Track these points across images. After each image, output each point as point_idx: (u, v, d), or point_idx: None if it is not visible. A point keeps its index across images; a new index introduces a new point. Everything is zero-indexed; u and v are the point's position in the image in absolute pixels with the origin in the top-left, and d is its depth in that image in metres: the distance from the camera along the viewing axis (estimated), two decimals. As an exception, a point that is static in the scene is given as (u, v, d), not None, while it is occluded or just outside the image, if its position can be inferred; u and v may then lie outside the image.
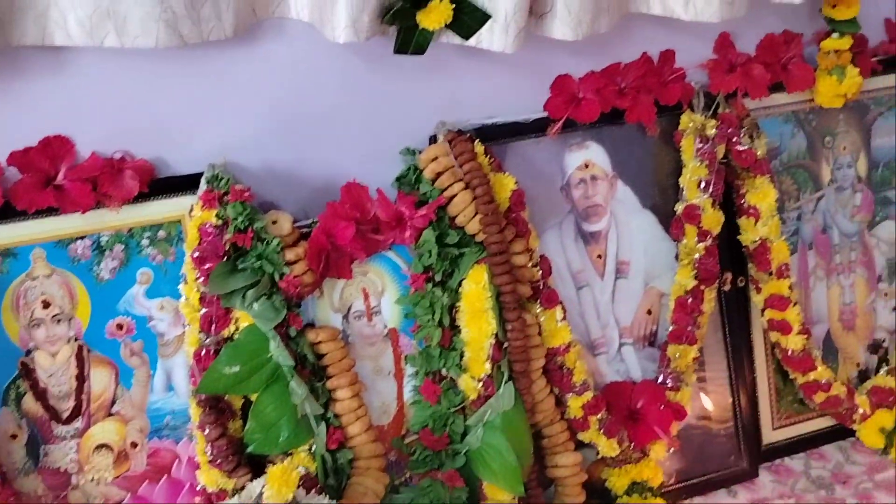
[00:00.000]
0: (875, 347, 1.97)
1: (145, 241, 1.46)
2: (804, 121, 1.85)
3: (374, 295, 1.55)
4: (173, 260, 1.47)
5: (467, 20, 1.47)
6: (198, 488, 1.47)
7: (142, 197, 1.44)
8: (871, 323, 1.96)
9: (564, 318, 1.63)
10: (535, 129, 1.65)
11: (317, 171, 1.55)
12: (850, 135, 1.89)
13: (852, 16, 1.77)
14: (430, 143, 1.58)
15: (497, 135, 1.63)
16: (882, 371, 1.95)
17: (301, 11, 1.43)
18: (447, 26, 1.46)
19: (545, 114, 1.65)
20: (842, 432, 1.93)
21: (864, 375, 1.96)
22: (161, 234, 1.46)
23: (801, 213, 1.87)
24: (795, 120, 1.84)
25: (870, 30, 1.86)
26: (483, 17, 1.47)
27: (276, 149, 1.52)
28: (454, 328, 1.56)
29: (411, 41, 1.46)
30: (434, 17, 1.44)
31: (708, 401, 1.80)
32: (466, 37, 1.48)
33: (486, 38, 1.48)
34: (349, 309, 1.54)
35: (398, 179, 1.55)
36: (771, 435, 1.88)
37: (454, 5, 1.44)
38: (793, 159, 1.85)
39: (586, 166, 1.70)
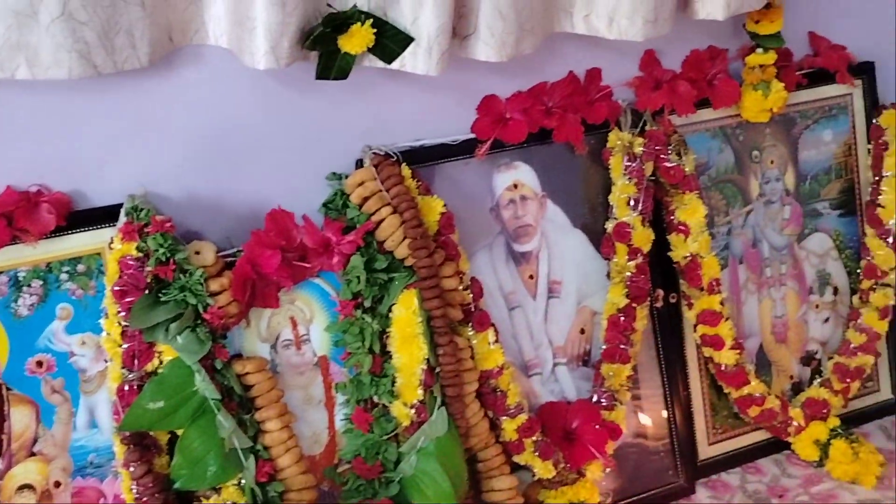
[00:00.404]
0: (808, 359, 1.98)
1: (64, 276, 1.43)
2: (731, 136, 1.85)
3: (303, 323, 1.53)
4: (94, 294, 1.44)
5: (389, 44, 1.45)
6: (125, 527, 1.44)
7: (60, 230, 1.40)
8: (803, 335, 1.97)
9: (497, 341, 1.62)
10: (462, 150, 1.64)
11: (242, 198, 1.53)
12: (778, 148, 1.90)
13: (776, 31, 1.78)
14: (356, 168, 1.56)
15: (424, 157, 1.61)
16: (815, 383, 1.96)
17: (220, 38, 1.41)
18: (369, 50, 1.45)
19: (473, 135, 1.64)
20: (777, 445, 1.93)
21: (797, 388, 1.97)
22: (80, 267, 1.43)
23: (730, 227, 1.87)
24: (723, 135, 1.84)
25: (794, 43, 1.88)
26: (405, 41, 1.45)
27: (199, 177, 1.49)
28: (385, 354, 1.55)
29: (333, 66, 1.44)
30: (356, 41, 1.42)
31: (645, 417, 1.80)
32: (389, 61, 1.46)
33: (409, 61, 1.47)
34: (277, 338, 1.52)
35: (325, 205, 1.54)
36: (707, 450, 1.87)
37: (376, 29, 1.43)
38: (721, 174, 1.85)
39: (515, 187, 1.69)
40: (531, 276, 1.71)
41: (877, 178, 1.95)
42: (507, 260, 1.69)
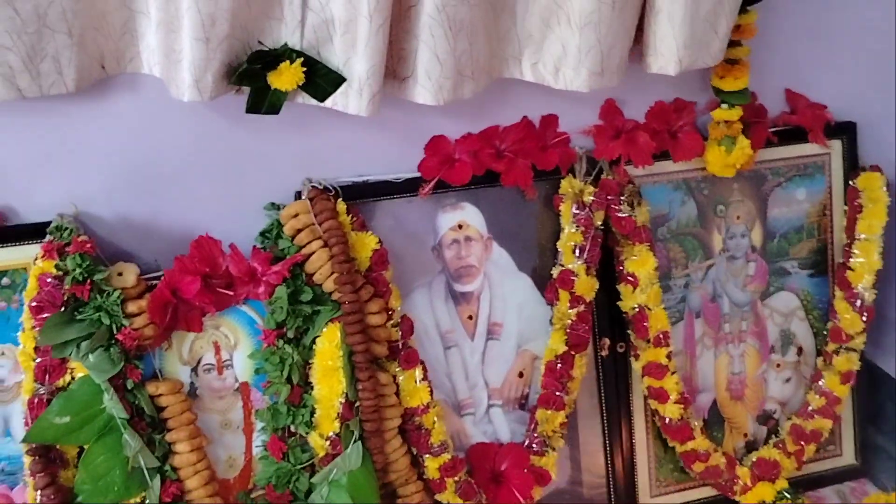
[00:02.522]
0: (765, 418, 1.95)
1: (-10, 288, 1.48)
2: (695, 189, 1.83)
3: (226, 349, 1.56)
4: (17, 307, 1.48)
5: (321, 83, 1.47)
6: (31, 534, 1.49)
7: (-12, 243, 1.46)
8: (762, 393, 1.94)
9: (425, 379, 1.63)
10: (407, 188, 1.65)
11: (175, 223, 1.56)
12: (745, 204, 1.88)
13: (740, 87, 1.75)
14: (295, 199, 1.59)
15: (367, 193, 1.63)
16: (769, 443, 1.93)
17: (153, 67, 1.45)
18: (301, 87, 1.47)
19: (418, 174, 1.65)
20: (725, 503, 1.91)
21: (751, 446, 1.94)
22: (5, 280, 1.48)
23: (689, 280, 1.85)
24: (686, 188, 1.82)
25: (770, 100, 1.85)
26: (337, 80, 1.47)
27: (131, 201, 1.53)
28: (307, 385, 1.57)
29: (264, 101, 1.46)
30: (286, 78, 1.44)
31: (582, 465, 1.79)
32: (321, 99, 1.48)
33: (340, 100, 1.49)
34: (199, 362, 1.55)
35: (262, 234, 1.57)
36: (649, 502, 1.86)
37: (306, 68, 1.45)
38: (682, 227, 1.83)
39: (460, 227, 1.69)
40: (470, 317, 1.72)
41: (849, 241, 1.91)
42: (447, 299, 1.70)
